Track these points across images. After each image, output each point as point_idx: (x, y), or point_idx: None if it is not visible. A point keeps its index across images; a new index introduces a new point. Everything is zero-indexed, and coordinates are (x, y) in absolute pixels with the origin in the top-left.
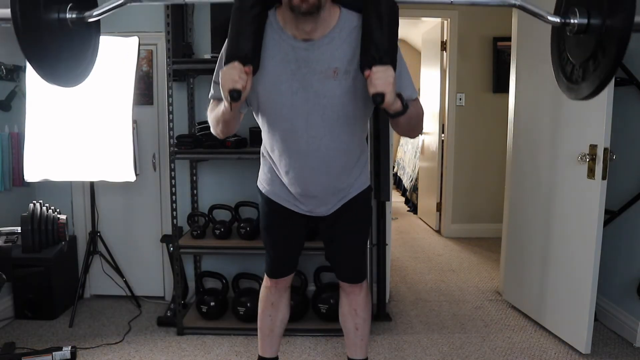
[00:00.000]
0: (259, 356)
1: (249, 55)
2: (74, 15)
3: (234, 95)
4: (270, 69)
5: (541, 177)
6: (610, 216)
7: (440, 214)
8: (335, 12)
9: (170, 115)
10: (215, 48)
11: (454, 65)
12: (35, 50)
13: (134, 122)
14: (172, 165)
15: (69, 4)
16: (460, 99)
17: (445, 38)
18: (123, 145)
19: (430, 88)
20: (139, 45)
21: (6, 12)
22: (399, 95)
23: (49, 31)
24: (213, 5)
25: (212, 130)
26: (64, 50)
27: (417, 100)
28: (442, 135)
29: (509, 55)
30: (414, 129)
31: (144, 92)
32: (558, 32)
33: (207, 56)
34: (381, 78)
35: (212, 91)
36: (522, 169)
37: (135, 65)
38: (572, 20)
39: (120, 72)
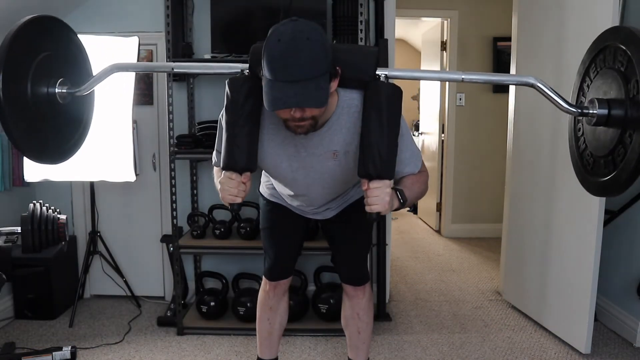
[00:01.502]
0: (258, 357)
1: (246, 165)
2: (64, 90)
3: (235, 207)
4: (270, 151)
5: (541, 177)
6: (610, 216)
7: (440, 214)
8: (333, 98)
9: (170, 115)
10: (215, 48)
11: (454, 65)
12: (21, 129)
13: (134, 122)
14: (172, 165)
15: (59, 79)
16: (460, 99)
17: (445, 38)
18: (123, 145)
19: (430, 88)
20: (139, 45)
21: None
22: (397, 192)
23: (37, 107)
24: (213, 5)
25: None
26: (52, 127)
27: (420, 171)
28: (442, 135)
29: (509, 55)
30: (415, 202)
31: (144, 92)
32: (575, 119)
33: (207, 56)
34: (377, 197)
35: (214, 158)
36: (522, 169)
37: None
38: (591, 111)
39: (120, 72)
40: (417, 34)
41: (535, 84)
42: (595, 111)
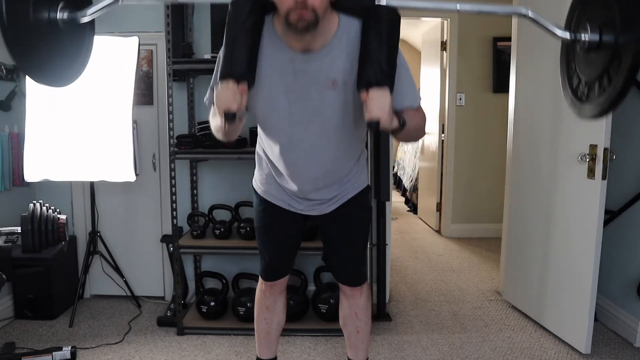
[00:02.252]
0: (257, 357)
1: (244, 73)
2: (65, 16)
3: (229, 116)
4: (268, 80)
5: (541, 177)
6: (610, 216)
7: (440, 214)
8: (334, 20)
9: (170, 115)
10: (216, 48)
11: (454, 65)
12: (23, 51)
13: (134, 122)
14: (172, 165)
15: (59, 3)
16: (460, 99)
17: (445, 38)
18: (123, 145)
19: (430, 88)
20: (139, 45)
21: None
22: (397, 113)
23: (38, 32)
24: (213, 5)
25: (214, 133)
26: (54, 51)
27: (418, 108)
28: (442, 135)
29: (509, 55)
30: (415, 138)
31: (144, 92)
32: (567, 47)
33: (207, 56)
34: (377, 104)
35: (207, 95)
36: (522, 169)
37: (135, 65)
38: (583, 37)
39: (120, 72)
40: (417, 34)
41: (527, 14)
42: (587, 36)
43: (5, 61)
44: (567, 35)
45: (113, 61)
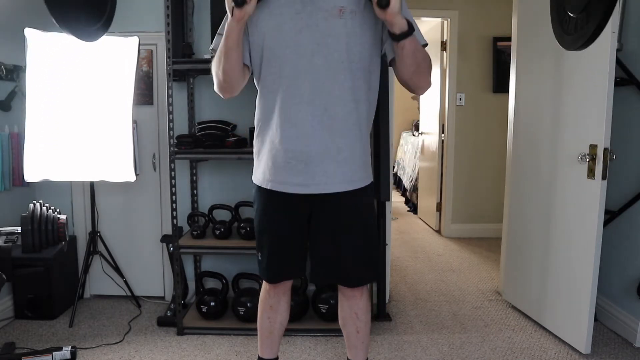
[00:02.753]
0: (259, 357)
1: None
2: None
3: (239, 1)
4: (275, 9)
5: (541, 177)
6: (610, 216)
7: (440, 214)
8: None
9: (170, 115)
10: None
11: (454, 65)
12: (58, 5)
13: (134, 122)
14: (172, 165)
15: None
16: (460, 99)
17: (445, 38)
18: (123, 145)
19: (431, 88)
20: (139, 45)
21: None
22: (405, 18)
23: None
24: (213, 5)
25: (215, 84)
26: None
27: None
28: (442, 135)
29: (509, 55)
30: (421, 72)
31: (144, 92)
32: None
33: (207, 56)
34: None
35: (214, 42)
36: (522, 169)
37: (135, 65)
38: None
39: (120, 72)
40: None
41: None
42: None
43: (5, 61)
44: None
45: (113, 61)
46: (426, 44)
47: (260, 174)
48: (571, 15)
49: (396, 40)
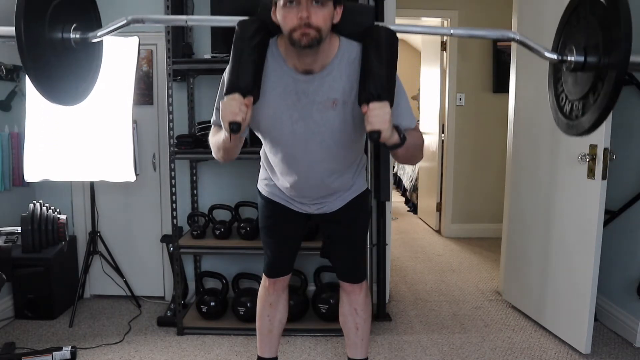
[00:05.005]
0: (258, 356)
1: (249, 86)
2: (77, 36)
3: (234, 127)
4: (272, 100)
5: (541, 177)
6: (610, 216)
7: (440, 214)
8: (334, 42)
9: (170, 115)
10: (216, 48)
11: (454, 65)
12: (38, 69)
13: (134, 122)
14: (172, 165)
15: (73, 24)
16: (460, 99)
17: (445, 38)
18: (123, 145)
19: (430, 88)
20: (139, 45)
21: (10, 29)
22: (397, 128)
23: (52, 50)
24: (213, 5)
25: (213, 154)
26: (66, 69)
27: (416, 129)
28: (442, 135)
29: (509, 55)
30: (413, 158)
31: (144, 92)
32: (555, 68)
33: (207, 56)
34: (378, 116)
35: (214, 117)
36: (522, 169)
37: (135, 65)
38: (569, 58)
39: (120, 72)
40: (417, 34)
41: (516, 38)
42: (573, 58)
43: (5, 61)
44: (554, 56)
45: (113, 61)
46: (416, 126)
47: (265, 187)
48: (568, 97)
49: (389, 150)
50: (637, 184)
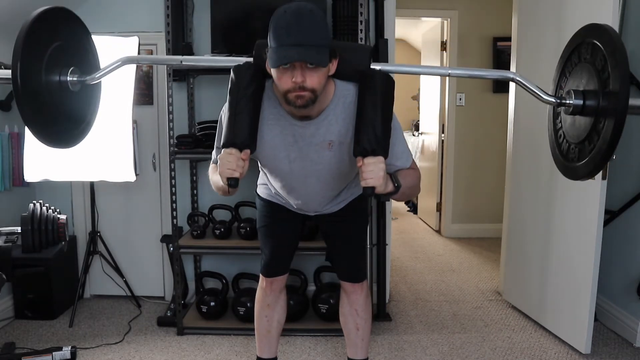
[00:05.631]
0: (258, 357)
1: (246, 141)
2: (75, 78)
3: (232, 183)
4: (269, 140)
5: (541, 177)
6: (610, 216)
7: (440, 214)
8: (330, 87)
9: (170, 115)
10: (215, 48)
11: (454, 65)
12: (35, 114)
13: (134, 122)
14: (172, 165)
15: (70, 68)
16: (460, 99)
17: (445, 38)
18: (123, 145)
19: (430, 88)
20: (139, 45)
21: (7, 72)
22: (391, 176)
23: (49, 93)
24: (213, 5)
25: (213, 189)
26: (63, 112)
27: (412, 167)
28: (442, 135)
29: (509, 55)
30: (410, 196)
31: (144, 92)
32: (554, 110)
33: (207, 56)
34: (372, 172)
35: (214, 155)
36: (522, 169)
37: (135, 65)
38: (567, 101)
39: (120, 73)
40: (417, 34)
41: (515, 78)
42: (571, 101)
43: (5, 61)
44: (552, 100)
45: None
46: (411, 164)
47: (266, 191)
48: (568, 140)
49: (386, 198)
50: (637, 184)
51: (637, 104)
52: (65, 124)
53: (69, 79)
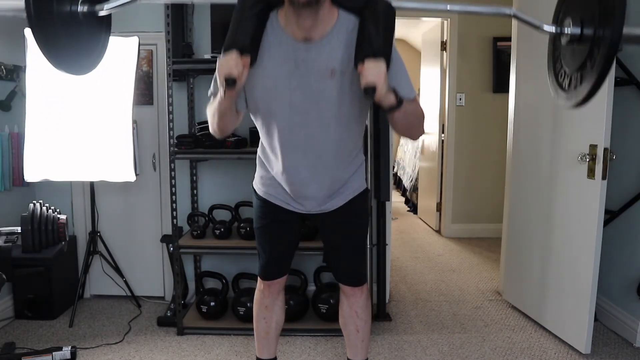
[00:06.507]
0: (257, 358)
1: (247, 46)
2: (85, 9)
3: (230, 82)
4: (270, 68)
5: (541, 177)
6: (610, 216)
7: (440, 214)
8: (333, 13)
9: (170, 115)
10: (216, 48)
11: (454, 65)
12: (47, 40)
13: (134, 122)
14: (172, 165)
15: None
16: (460, 99)
17: (445, 38)
18: (123, 145)
19: (430, 88)
20: (139, 45)
21: (20, 3)
22: (394, 91)
23: (61, 23)
24: (213, 5)
25: (210, 127)
26: (74, 41)
27: (415, 100)
28: (442, 135)
29: (509, 55)
30: (413, 128)
31: (144, 92)
32: (554, 43)
33: (207, 56)
34: (372, 71)
35: (211, 88)
36: (522, 169)
37: (135, 65)
38: (566, 30)
39: (120, 72)
40: (417, 34)
41: (514, 13)
42: (570, 30)
43: (5, 61)
44: (552, 29)
45: (113, 61)
46: (415, 96)
47: (261, 187)
48: (566, 71)
49: (386, 113)
50: (637, 184)
51: (634, 32)
52: (75, 52)
53: (79, 9)
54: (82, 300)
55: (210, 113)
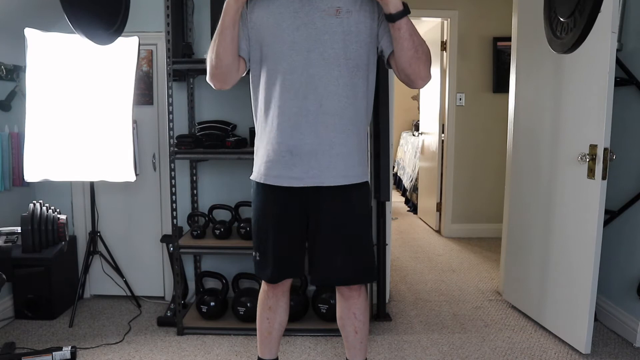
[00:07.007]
0: (259, 357)
1: None
2: None
3: None
4: (274, 7)
5: (541, 177)
6: (610, 216)
7: (440, 214)
8: None
9: (170, 115)
10: None
11: (454, 65)
12: (77, 11)
13: (134, 122)
14: (172, 165)
15: None
16: (460, 99)
17: (445, 38)
18: (123, 145)
19: (430, 88)
20: (139, 45)
21: None
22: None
23: None
24: (213, 5)
25: (207, 68)
26: (97, 4)
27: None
28: (442, 135)
29: (509, 55)
30: (419, 55)
31: (144, 92)
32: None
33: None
34: None
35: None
36: (522, 169)
37: (135, 65)
38: None
39: (120, 72)
40: None
41: None
42: None
43: (5, 61)
44: None
45: (113, 61)
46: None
47: (257, 169)
48: (560, 19)
49: (392, 21)
50: (637, 184)
51: None
52: (100, 18)
53: None
54: (82, 300)
55: (210, 49)
